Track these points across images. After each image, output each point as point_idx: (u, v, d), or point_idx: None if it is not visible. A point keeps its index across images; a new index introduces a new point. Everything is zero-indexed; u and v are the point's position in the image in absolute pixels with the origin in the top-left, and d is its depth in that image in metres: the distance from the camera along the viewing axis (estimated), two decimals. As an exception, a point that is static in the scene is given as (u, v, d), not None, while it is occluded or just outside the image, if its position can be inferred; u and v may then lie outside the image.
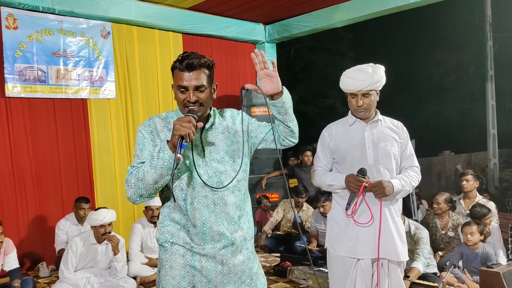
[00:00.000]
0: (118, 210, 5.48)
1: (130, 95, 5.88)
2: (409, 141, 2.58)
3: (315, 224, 5.22)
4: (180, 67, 1.83)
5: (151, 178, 1.77)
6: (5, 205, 4.89)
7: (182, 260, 1.92)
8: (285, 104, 1.90)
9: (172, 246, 1.93)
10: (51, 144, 5.25)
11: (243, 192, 2.00)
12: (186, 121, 1.73)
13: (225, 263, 1.93)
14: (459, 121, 15.57)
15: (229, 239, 1.92)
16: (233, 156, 1.96)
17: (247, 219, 2.02)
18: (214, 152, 1.93)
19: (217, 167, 1.91)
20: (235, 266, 1.95)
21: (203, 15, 6.36)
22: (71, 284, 3.98)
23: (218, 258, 1.92)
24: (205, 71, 1.86)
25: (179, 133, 1.70)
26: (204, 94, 1.86)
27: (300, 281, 4.27)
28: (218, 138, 1.95)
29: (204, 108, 1.88)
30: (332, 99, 14.69)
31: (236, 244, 1.94)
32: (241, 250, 1.97)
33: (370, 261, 2.47)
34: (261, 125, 2.05)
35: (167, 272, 1.94)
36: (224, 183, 1.90)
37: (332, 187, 2.55)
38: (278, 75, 1.88)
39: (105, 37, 5.61)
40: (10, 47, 4.85)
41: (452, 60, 15.04)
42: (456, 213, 4.80)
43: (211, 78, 1.90)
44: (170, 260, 1.93)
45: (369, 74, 2.38)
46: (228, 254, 1.93)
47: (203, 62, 1.85)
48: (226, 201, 1.91)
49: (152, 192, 1.84)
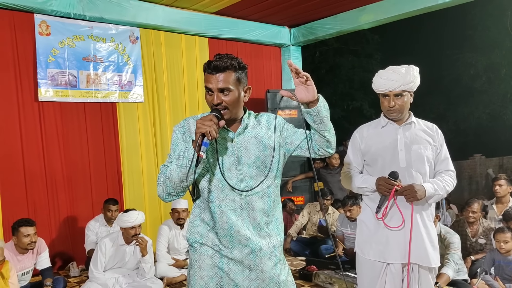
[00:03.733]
0: (146, 211, 5.56)
1: (157, 99, 5.97)
2: (444, 144, 2.50)
3: (341, 228, 5.17)
4: (207, 69, 1.85)
5: (177, 177, 1.80)
6: (38, 206, 5.03)
7: (211, 261, 1.93)
8: (320, 113, 1.83)
9: (201, 247, 1.94)
10: (81, 147, 5.39)
11: (273, 198, 1.97)
12: (208, 119, 1.74)
13: (252, 269, 1.92)
14: (490, 123, 15.13)
15: (256, 245, 1.91)
16: (265, 162, 1.93)
17: (276, 226, 1.99)
18: (245, 157, 1.91)
19: (247, 171, 1.90)
20: (263, 272, 1.93)
21: (228, 19, 6.42)
22: (100, 284, 4.06)
23: (245, 262, 1.91)
24: (231, 73, 1.83)
25: (200, 131, 1.72)
26: (229, 97, 1.84)
27: (326, 285, 4.23)
28: (250, 142, 1.93)
29: (229, 111, 1.86)
30: (358, 102, 14.54)
31: (264, 250, 1.92)
32: (270, 257, 1.94)
33: (400, 265, 2.41)
34: (297, 132, 2.00)
35: (196, 272, 1.95)
36: (253, 188, 1.90)
37: (362, 189, 2.50)
38: (313, 83, 1.81)
39: (134, 42, 5.72)
40: (43, 52, 5.01)
41: (483, 61, 14.63)
42: (488, 218, 4.67)
43: (239, 81, 1.87)
44: (199, 261, 1.94)
45: (402, 75, 2.33)
46: (257, 259, 1.91)
47: (228, 65, 1.82)
48: (253, 206, 1.90)
49: (179, 191, 1.86)
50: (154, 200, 5.90)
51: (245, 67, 1.89)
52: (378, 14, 5.97)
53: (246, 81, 1.91)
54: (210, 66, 1.83)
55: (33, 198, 5.00)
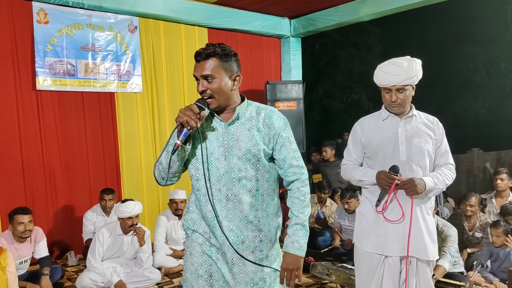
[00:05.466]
0: (144, 202, 5.57)
1: (156, 89, 5.94)
2: (444, 138, 2.48)
3: (339, 220, 5.18)
4: (195, 59, 1.86)
5: (165, 163, 1.86)
6: (36, 195, 5.03)
7: (200, 248, 1.94)
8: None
9: (193, 234, 1.97)
10: (79, 136, 5.38)
11: (262, 193, 1.93)
12: (188, 109, 1.77)
13: (235, 262, 1.90)
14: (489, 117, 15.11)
15: (239, 237, 1.88)
16: (257, 156, 1.89)
17: (267, 222, 1.95)
18: (236, 148, 1.88)
19: (236, 163, 1.87)
20: (245, 266, 1.90)
21: (228, 9, 6.38)
22: (98, 273, 4.07)
23: (228, 255, 1.90)
24: (215, 61, 1.81)
25: (178, 120, 1.76)
26: (214, 84, 1.82)
27: (323, 276, 4.25)
28: (243, 134, 1.89)
29: (216, 100, 1.84)
30: (357, 94, 14.48)
31: (246, 244, 1.90)
32: (253, 251, 1.91)
33: (399, 258, 2.42)
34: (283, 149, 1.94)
35: (187, 258, 1.99)
36: (241, 180, 1.87)
37: (362, 182, 2.50)
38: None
39: (132, 32, 5.68)
40: (41, 41, 4.97)
41: (483, 55, 14.58)
42: (487, 212, 4.68)
43: (225, 69, 1.82)
44: (190, 247, 1.97)
45: (405, 69, 2.30)
46: (239, 252, 1.88)
47: (210, 51, 1.80)
48: (240, 199, 1.88)
49: (170, 177, 1.91)
50: (152, 190, 5.90)
51: (230, 54, 1.85)
52: (379, 6, 5.94)
53: (235, 69, 1.87)
54: (196, 54, 1.85)
55: (31, 187, 5.00)
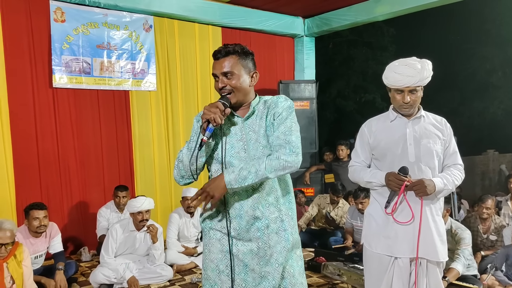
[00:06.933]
0: (157, 199, 5.62)
1: (170, 88, 5.99)
2: (452, 138, 2.47)
3: (351, 220, 5.16)
4: (213, 57, 1.95)
5: (187, 160, 1.93)
6: (51, 191, 5.11)
7: (219, 244, 1.99)
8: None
9: (210, 231, 2.03)
10: (94, 134, 5.44)
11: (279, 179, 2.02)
12: (214, 106, 1.85)
13: (260, 246, 1.96)
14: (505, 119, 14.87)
15: (264, 222, 1.95)
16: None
17: (287, 200, 2.04)
18: (254, 140, 1.96)
19: (255, 154, 1.94)
20: (270, 247, 1.96)
21: (242, 8, 6.39)
22: (111, 269, 4.12)
23: (253, 241, 1.96)
24: (234, 58, 1.92)
25: (204, 117, 1.84)
26: (233, 80, 1.92)
27: (334, 277, 4.24)
28: (258, 127, 1.97)
29: (235, 95, 1.94)
30: (371, 94, 14.38)
31: (271, 227, 1.96)
32: (277, 232, 1.98)
33: (408, 260, 2.40)
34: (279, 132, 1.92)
35: (206, 256, 2.04)
36: None
37: (370, 184, 2.48)
38: None
39: (147, 31, 5.73)
40: (57, 39, 5.05)
41: (500, 56, 14.35)
42: (502, 214, 4.61)
43: (243, 66, 1.94)
44: (209, 244, 2.02)
45: (419, 70, 2.28)
46: (264, 237, 1.96)
47: (229, 50, 1.92)
48: (263, 186, 1.95)
49: (190, 174, 1.95)
50: (165, 188, 5.94)
51: (248, 52, 1.97)
52: (394, 5, 5.89)
53: (252, 67, 1.99)
54: (215, 53, 1.94)
55: (46, 183, 5.08)
